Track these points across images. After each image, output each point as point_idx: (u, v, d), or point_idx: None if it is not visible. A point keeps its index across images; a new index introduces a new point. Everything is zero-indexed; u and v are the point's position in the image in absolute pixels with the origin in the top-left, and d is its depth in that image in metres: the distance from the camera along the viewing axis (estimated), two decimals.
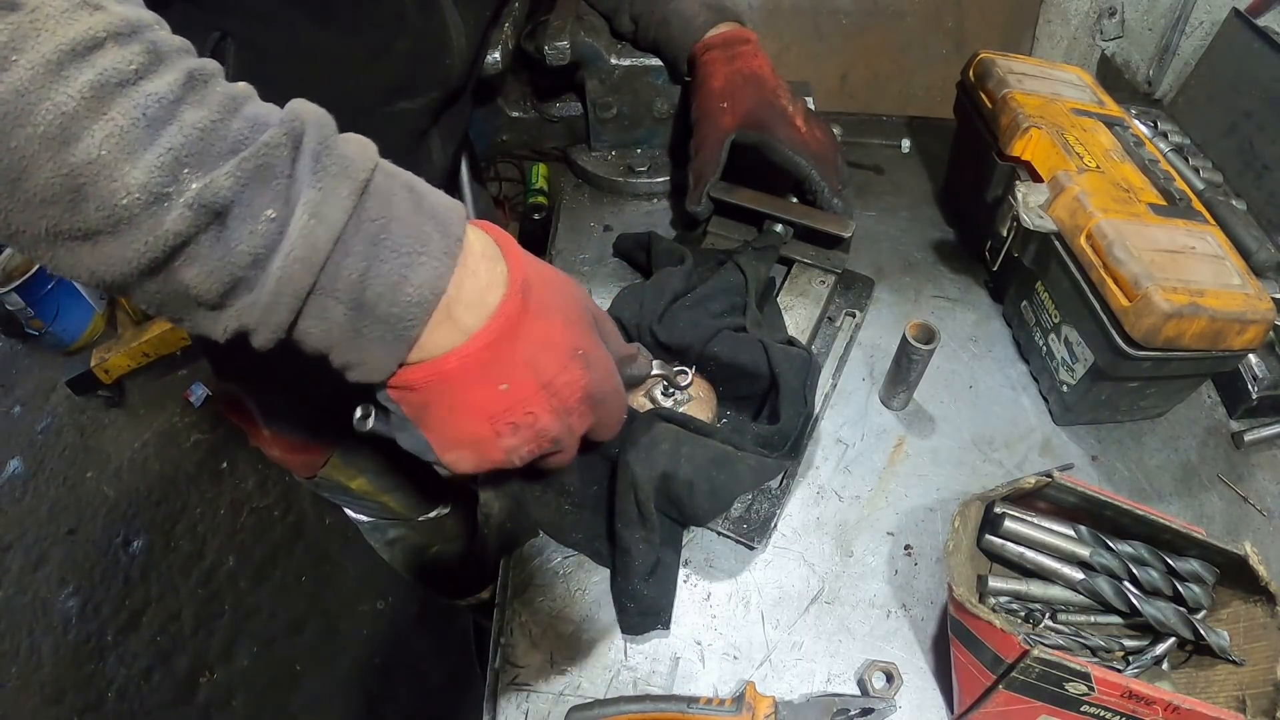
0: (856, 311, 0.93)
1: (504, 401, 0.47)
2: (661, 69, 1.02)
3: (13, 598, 2.07)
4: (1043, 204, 0.81)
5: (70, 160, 0.34)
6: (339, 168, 0.40)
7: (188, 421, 2.43)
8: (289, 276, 0.39)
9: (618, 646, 0.69)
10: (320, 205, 0.39)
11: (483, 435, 0.48)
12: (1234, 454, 0.85)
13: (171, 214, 0.36)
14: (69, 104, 0.34)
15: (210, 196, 0.36)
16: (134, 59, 0.36)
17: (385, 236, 0.41)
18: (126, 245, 0.36)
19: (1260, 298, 0.73)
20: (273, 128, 0.39)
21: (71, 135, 0.34)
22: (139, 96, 0.35)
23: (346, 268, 0.40)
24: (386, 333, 0.43)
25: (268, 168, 0.38)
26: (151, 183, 0.35)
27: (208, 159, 0.37)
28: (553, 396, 0.48)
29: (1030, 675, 0.54)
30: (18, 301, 2.37)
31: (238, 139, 0.38)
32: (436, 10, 0.78)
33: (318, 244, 0.39)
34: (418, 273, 0.42)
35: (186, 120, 0.36)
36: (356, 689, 1.88)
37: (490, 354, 0.45)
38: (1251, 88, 1.03)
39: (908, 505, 0.78)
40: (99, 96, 0.34)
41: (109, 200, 0.35)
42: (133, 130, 0.35)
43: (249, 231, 0.38)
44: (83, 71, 0.34)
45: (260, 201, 0.38)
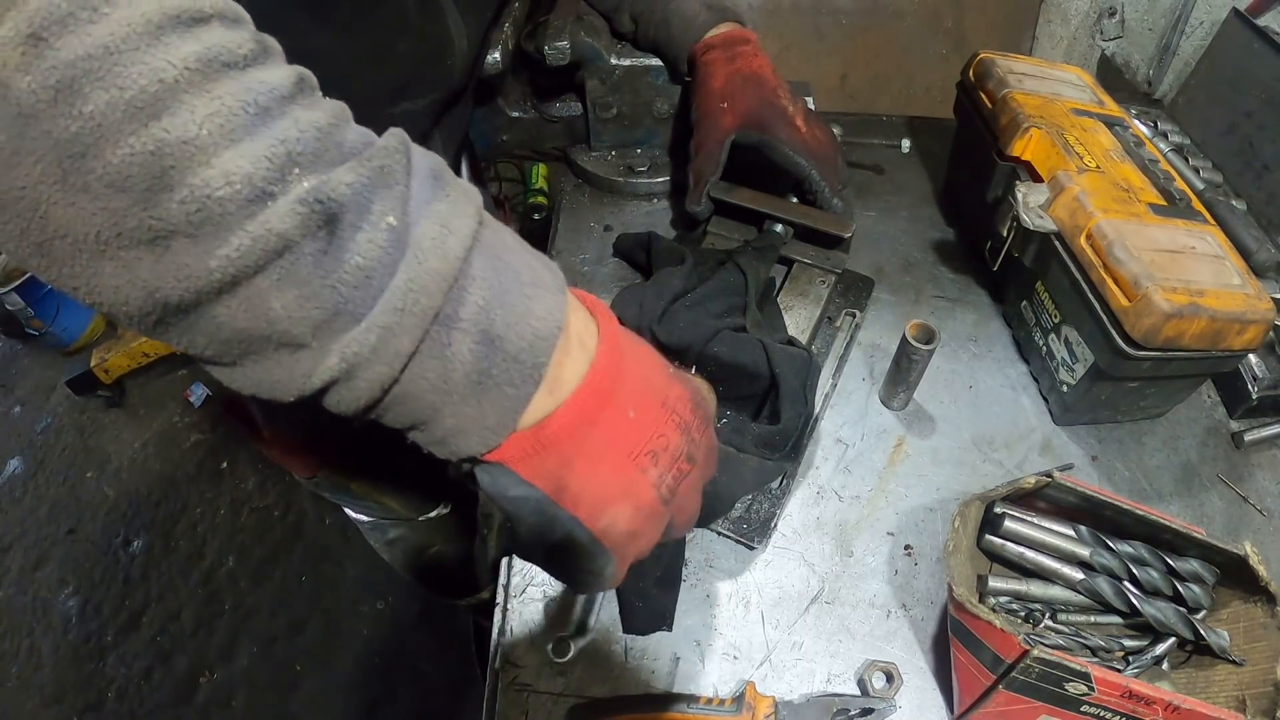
0: (856, 311, 0.93)
1: (638, 430, 0.41)
2: (661, 69, 1.02)
3: (13, 598, 2.07)
4: (1043, 204, 0.81)
5: (160, 135, 0.28)
6: (459, 189, 0.36)
7: (188, 421, 2.43)
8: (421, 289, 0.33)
9: (618, 646, 0.69)
10: (450, 218, 0.34)
11: (631, 476, 0.41)
12: (1234, 454, 0.85)
13: (279, 210, 0.30)
14: (169, 71, 0.28)
15: (327, 194, 0.31)
16: (244, 44, 0.31)
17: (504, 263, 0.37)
18: (210, 250, 0.29)
19: (1260, 298, 0.73)
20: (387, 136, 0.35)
21: (166, 107, 0.28)
22: (250, 81, 0.30)
23: (473, 293, 0.35)
24: (515, 373, 0.36)
25: (388, 172, 0.33)
26: (258, 174, 0.29)
27: (322, 163, 0.32)
28: (672, 413, 0.43)
29: (1030, 675, 0.54)
30: (18, 301, 2.37)
31: (354, 147, 0.33)
32: (438, 11, 0.78)
33: (450, 256, 0.33)
34: (539, 304, 0.37)
35: (302, 119, 0.32)
36: (356, 689, 1.88)
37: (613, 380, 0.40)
38: (1251, 88, 1.03)
39: (908, 505, 0.78)
40: (205, 71, 0.29)
41: (200, 190, 0.28)
42: (242, 114, 0.29)
43: (367, 240, 0.32)
44: (186, 42, 0.29)
45: (380, 207, 0.32)
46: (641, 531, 0.43)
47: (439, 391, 0.35)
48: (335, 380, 0.34)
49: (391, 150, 0.34)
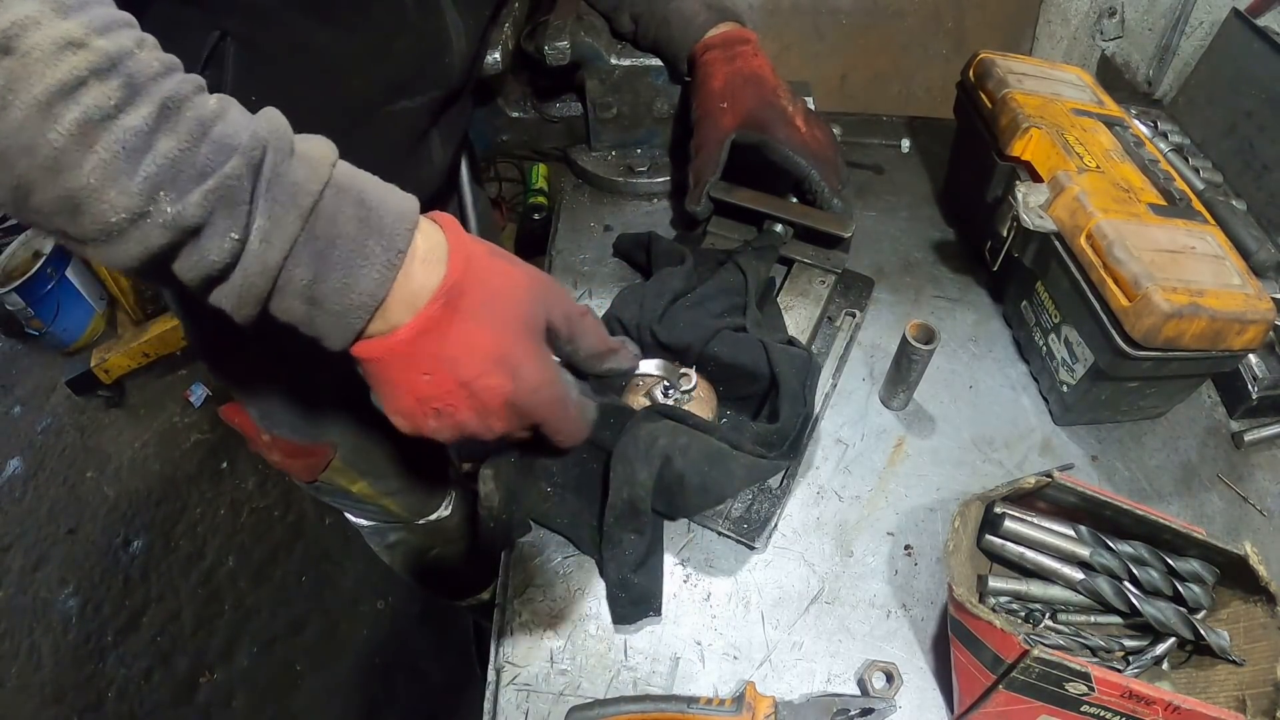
0: (856, 311, 0.93)
1: (427, 389, 0.53)
2: (661, 69, 1.02)
3: (13, 598, 2.07)
4: (1043, 204, 0.81)
5: (67, 185, 0.41)
6: (288, 196, 0.46)
7: (188, 421, 2.43)
8: (249, 284, 0.47)
9: (618, 646, 0.69)
10: (270, 232, 0.46)
11: (412, 410, 0.54)
12: (1234, 454, 0.85)
13: (154, 231, 0.43)
14: (60, 140, 0.40)
15: (184, 221, 0.43)
16: (113, 94, 0.41)
17: (330, 252, 0.48)
18: (121, 250, 0.44)
19: (1260, 298, 0.73)
20: (236, 155, 0.45)
21: (65, 165, 0.40)
22: (118, 131, 0.41)
23: (297, 276, 0.47)
24: (336, 324, 0.50)
25: (230, 197, 0.44)
26: (134, 205, 0.42)
27: (180, 183, 0.43)
28: (472, 397, 0.53)
29: (1030, 675, 0.54)
30: (18, 301, 2.37)
31: (205, 165, 0.44)
32: (436, 9, 0.78)
33: (269, 262, 0.46)
34: (360, 281, 0.48)
35: (160, 150, 0.43)
36: (356, 689, 1.88)
37: (410, 348, 0.51)
38: (1251, 88, 1.03)
39: (908, 505, 0.78)
40: (85, 132, 0.40)
41: (101, 217, 0.42)
42: (115, 162, 0.41)
43: (217, 247, 0.45)
44: (69, 110, 0.40)
45: (224, 224, 0.45)
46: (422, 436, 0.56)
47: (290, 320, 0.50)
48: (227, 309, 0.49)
49: (235, 176, 0.44)
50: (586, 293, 0.97)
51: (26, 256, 2.44)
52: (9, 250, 2.45)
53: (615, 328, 0.83)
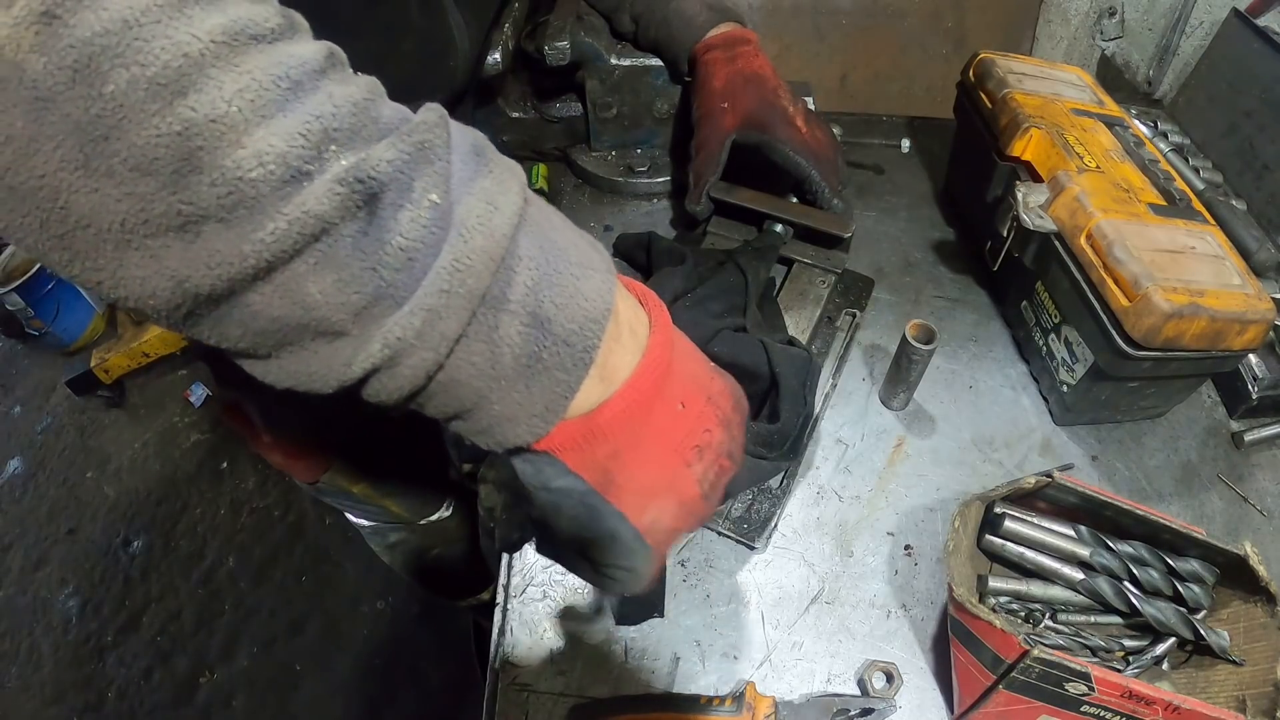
0: (856, 311, 0.93)
1: (686, 423, 0.40)
2: (662, 69, 1.02)
3: (13, 598, 2.07)
4: (1043, 204, 0.81)
5: (188, 114, 0.26)
6: (503, 165, 0.35)
7: (188, 421, 2.43)
8: (468, 269, 0.31)
9: (618, 647, 0.69)
10: (496, 194, 0.33)
11: (677, 470, 0.40)
12: (1234, 454, 0.85)
13: (316, 193, 0.28)
14: (194, 45, 0.26)
15: (367, 172, 0.29)
16: (270, 18, 0.29)
17: (551, 243, 0.35)
18: (243, 235, 0.28)
19: (1260, 298, 0.73)
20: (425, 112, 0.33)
21: (193, 84, 0.26)
22: (280, 55, 0.29)
23: (520, 273, 0.33)
24: (566, 357, 0.34)
25: (429, 147, 0.31)
26: (293, 153, 0.28)
27: (359, 139, 0.30)
28: (716, 408, 0.42)
29: (1030, 675, 0.54)
30: (18, 301, 2.37)
31: (391, 122, 0.32)
32: (440, 12, 0.78)
33: (496, 235, 0.32)
34: (589, 284, 0.35)
35: (336, 93, 0.30)
36: (356, 689, 1.88)
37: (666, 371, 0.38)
38: (1251, 88, 1.03)
39: (908, 505, 0.78)
40: (232, 45, 0.27)
41: (232, 171, 0.27)
42: (273, 89, 0.28)
43: (409, 219, 0.30)
44: (210, 14, 0.27)
45: (422, 184, 0.31)
46: (683, 529, 0.42)
47: (486, 377, 0.33)
48: (377, 368, 0.32)
49: (432, 125, 0.32)
50: None
51: (27, 256, 2.44)
52: (9, 250, 2.44)
53: None
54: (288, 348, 0.32)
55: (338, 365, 0.32)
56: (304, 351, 0.32)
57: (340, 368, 0.32)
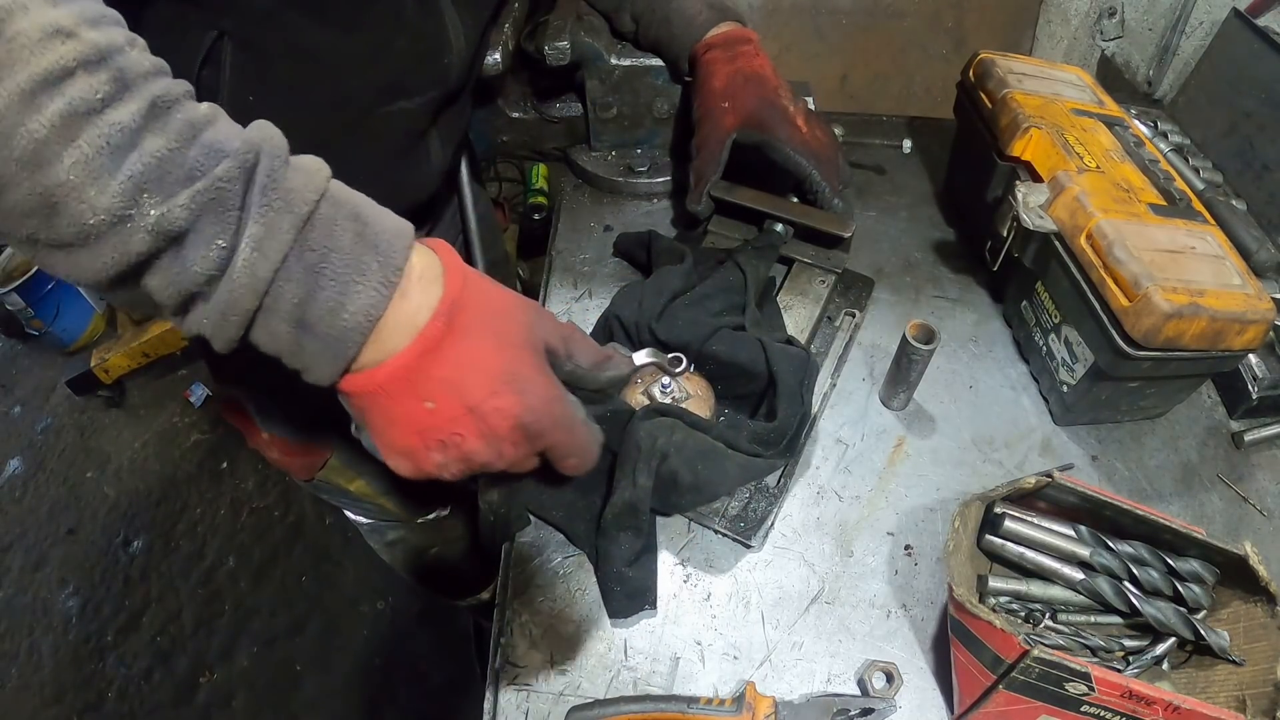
0: (856, 311, 0.93)
1: (430, 419, 0.48)
2: (662, 69, 1.02)
3: (13, 598, 2.07)
4: (1043, 204, 0.80)
5: (44, 182, 0.38)
6: (283, 202, 0.43)
7: (188, 421, 2.43)
8: (235, 300, 0.43)
9: (618, 646, 0.69)
10: (262, 240, 0.42)
11: (414, 447, 0.50)
12: (1234, 454, 0.85)
13: (135, 236, 0.40)
14: (41, 131, 0.37)
15: (168, 225, 0.40)
16: (101, 88, 0.39)
17: (324, 265, 0.44)
18: (96, 257, 0.40)
19: (1260, 298, 0.73)
20: (227, 159, 0.42)
21: (44, 160, 0.37)
22: (104, 125, 0.38)
23: (287, 293, 0.44)
24: (326, 350, 0.46)
25: (220, 200, 0.41)
26: (115, 206, 0.39)
27: (165, 185, 0.40)
28: (480, 422, 0.49)
29: (1030, 675, 0.54)
30: (18, 301, 2.37)
31: (194, 167, 0.41)
32: (435, 9, 0.78)
33: (259, 274, 0.42)
34: (354, 300, 0.45)
35: (147, 148, 0.40)
36: (356, 689, 1.88)
37: (411, 373, 0.47)
38: (1251, 88, 1.03)
39: (908, 505, 0.78)
40: (68, 125, 0.38)
41: (78, 219, 0.39)
42: (98, 158, 0.38)
43: (202, 256, 0.42)
44: (54, 100, 0.37)
45: (212, 230, 0.41)
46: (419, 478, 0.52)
47: (274, 350, 0.46)
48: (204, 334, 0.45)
49: (228, 180, 0.41)
50: (586, 293, 0.97)
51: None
52: (9, 250, 2.45)
53: (614, 326, 0.83)
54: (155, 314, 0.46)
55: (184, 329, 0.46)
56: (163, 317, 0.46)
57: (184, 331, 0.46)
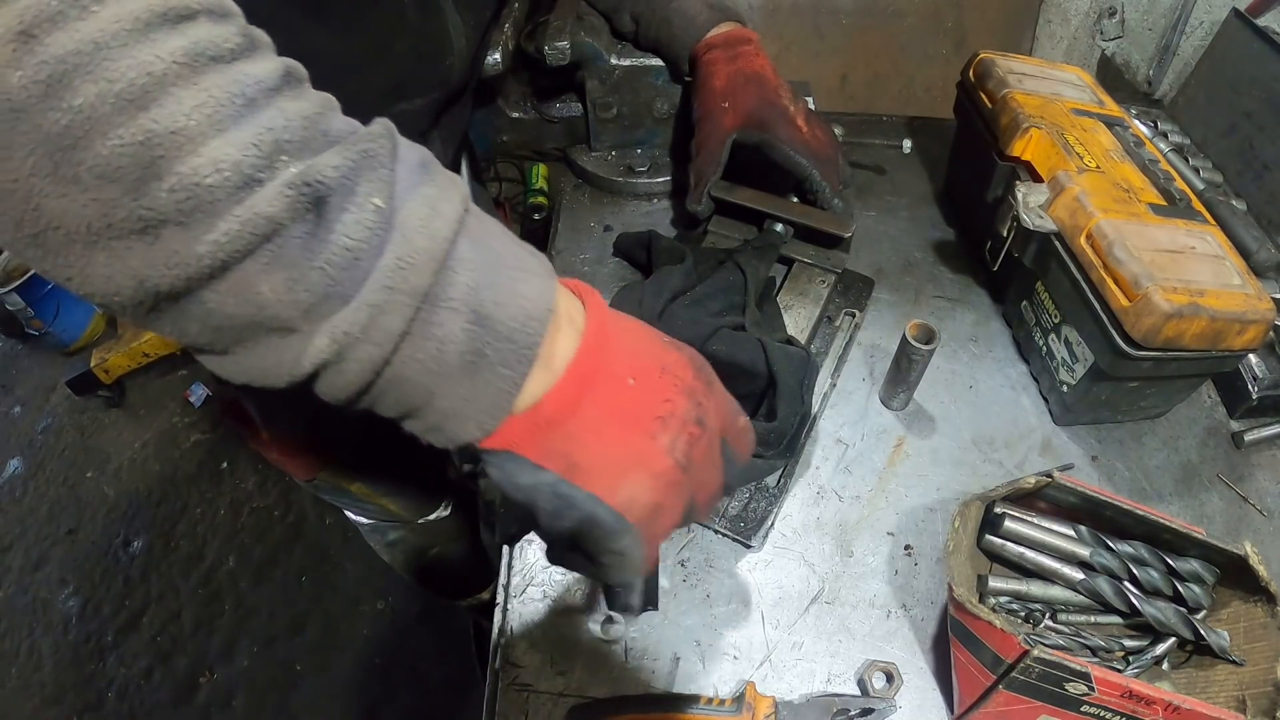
0: (856, 311, 0.93)
1: (641, 397, 0.41)
2: (662, 69, 1.02)
3: (13, 598, 2.07)
4: (1043, 204, 0.80)
5: (150, 126, 0.29)
6: (445, 176, 0.37)
7: (188, 421, 2.43)
8: (410, 267, 0.33)
9: (618, 647, 0.69)
10: (437, 201, 0.35)
11: (640, 444, 0.40)
12: (1234, 454, 0.85)
13: (265, 195, 0.31)
14: (157, 65, 0.29)
15: (314, 177, 0.31)
16: (231, 38, 0.32)
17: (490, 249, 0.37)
18: (199, 236, 0.30)
19: (1260, 298, 0.73)
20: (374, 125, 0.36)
21: (155, 99, 0.29)
22: (237, 74, 0.31)
23: (461, 274, 0.35)
24: (509, 352, 0.36)
25: (372, 156, 0.34)
26: (246, 162, 0.30)
27: (308, 149, 0.32)
28: (674, 377, 0.43)
29: (1030, 675, 0.54)
30: (18, 301, 2.37)
31: (339, 134, 0.34)
32: (436, 11, 0.78)
33: (437, 237, 0.34)
34: (528, 285, 0.38)
35: (288, 108, 0.33)
36: (356, 689, 1.88)
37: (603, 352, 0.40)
38: (1251, 88, 1.03)
39: (908, 505, 0.78)
40: (192, 65, 0.30)
41: (189, 178, 0.29)
42: (229, 105, 0.30)
43: (354, 221, 0.32)
44: (173, 37, 0.30)
45: (365, 189, 0.33)
46: (664, 503, 0.42)
47: (431, 374, 0.35)
48: (326, 363, 0.34)
49: (377, 136, 0.35)
50: None
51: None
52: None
53: None
54: (242, 343, 0.34)
55: (289, 360, 0.34)
56: (258, 347, 0.34)
57: (291, 362, 0.34)
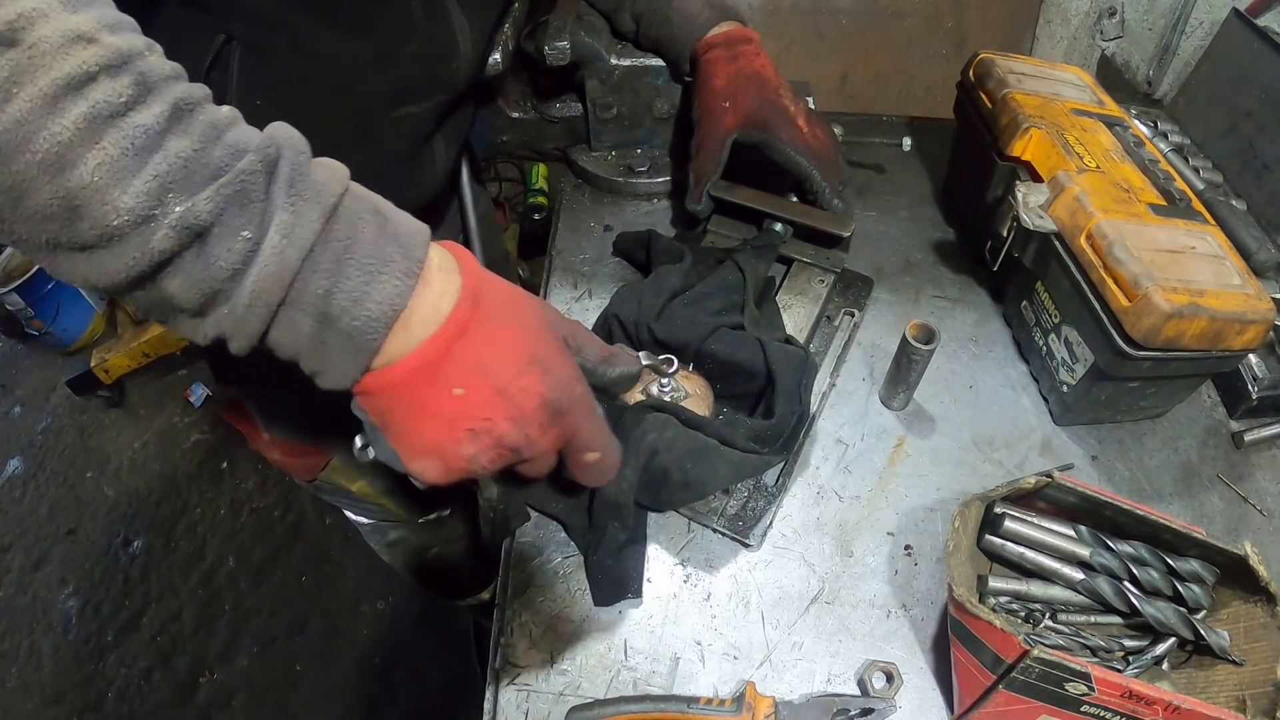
0: (855, 311, 0.93)
1: (460, 407, 0.48)
2: (662, 69, 1.02)
3: (13, 598, 2.07)
4: (1043, 204, 0.81)
5: (66, 185, 0.38)
6: (311, 193, 0.43)
7: (188, 421, 2.43)
8: (261, 290, 0.42)
9: (618, 646, 0.69)
10: (292, 227, 0.42)
11: (443, 442, 0.49)
12: (1234, 454, 0.85)
13: (158, 234, 0.40)
14: (64, 134, 0.37)
15: (192, 219, 0.40)
16: (124, 91, 0.39)
17: (350, 256, 0.44)
18: (117, 258, 0.40)
19: (1260, 298, 0.73)
20: (250, 154, 0.42)
21: (67, 162, 0.38)
22: (128, 127, 0.39)
23: (313, 283, 0.43)
24: (348, 344, 0.45)
25: (245, 193, 0.41)
26: (139, 206, 0.39)
27: (191, 184, 0.40)
28: (509, 403, 0.49)
29: (1030, 675, 0.54)
30: (18, 301, 2.37)
31: (218, 166, 0.41)
32: (443, 14, 0.78)
33: (287, 261, 0.42)
34: (378, 289, 0.45)
35: (171, 149, 0.40)
36: (356, 689, 1.88)
37: (440, 359, 0.47)
38: (1251, 88, 1.03)
39: (908, 505, 0.78)
40: (91, 127, 0.38)
41: (101, 220, 0.39)
42: (122, 159, 0.38)
43: (226, 249, 0.41)
44: (77, 104, 0.38)
45: (237, 223, 0.41)
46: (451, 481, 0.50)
47: (293, 350, 0.46)
48: (221, 338, 0.45)
49: (251, 172, 0.42)
50: (586, 293, 0.97)
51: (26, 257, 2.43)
52: (9, 250, 2.44)
53: (613, 325, 0.83)
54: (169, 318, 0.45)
55: (199, 334, 0.45)
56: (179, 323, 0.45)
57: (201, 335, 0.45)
